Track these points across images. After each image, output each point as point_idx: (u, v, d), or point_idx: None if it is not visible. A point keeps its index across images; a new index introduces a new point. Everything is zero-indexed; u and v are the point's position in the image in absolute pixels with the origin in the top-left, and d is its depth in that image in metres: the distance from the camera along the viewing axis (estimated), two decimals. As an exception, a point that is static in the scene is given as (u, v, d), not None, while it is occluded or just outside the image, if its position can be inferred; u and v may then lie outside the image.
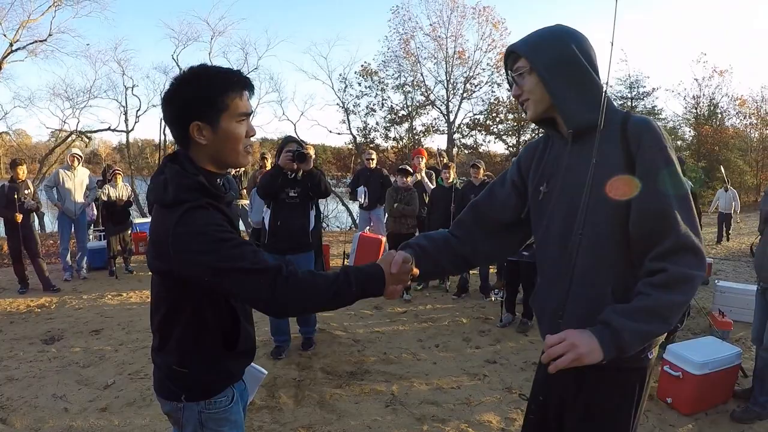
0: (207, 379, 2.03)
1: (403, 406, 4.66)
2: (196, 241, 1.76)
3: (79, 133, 28.07)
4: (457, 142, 33.17)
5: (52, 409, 4.50)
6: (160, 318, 1.99)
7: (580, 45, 1.91)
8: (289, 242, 5.56)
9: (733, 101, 35.65)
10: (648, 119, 1.84)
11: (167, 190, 1.84)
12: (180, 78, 1.90)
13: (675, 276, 1.71)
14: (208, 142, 1.90)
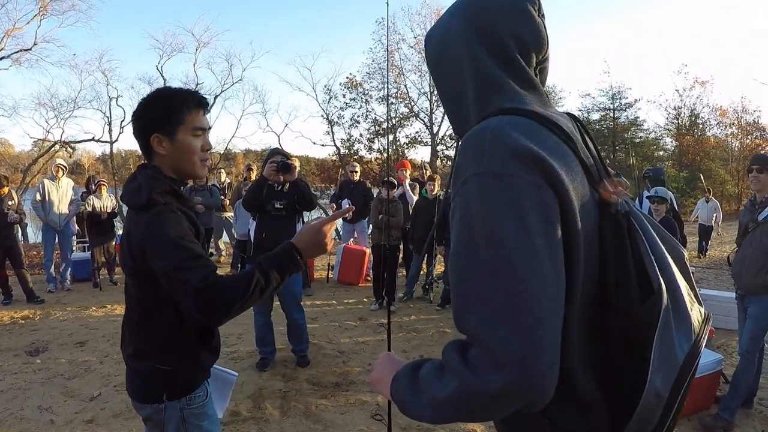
0: (188, 374, 2.17)
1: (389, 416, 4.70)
2: (159, 243, 1.96)
3: (63, 143, 27.97)
4: (440, 153, 33.30)
5: (38, 421, 4.50)
6: (137, 320, 2.12)
7: None
8: None
9: (713, 111, 36.19)
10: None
11: (141, 193, 2.05)
12: (145, 97, 2.17)
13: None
14: (167, 153, 2.12)
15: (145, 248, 1.98)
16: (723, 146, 36.68)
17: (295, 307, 5.78)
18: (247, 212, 9.11)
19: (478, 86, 1.30)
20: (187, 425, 2.17)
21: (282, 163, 5.49)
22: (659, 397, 1.08)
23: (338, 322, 7.61)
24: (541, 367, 0.98)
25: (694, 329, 1.12)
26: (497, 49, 1.28)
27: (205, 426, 2.22)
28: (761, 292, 4.56)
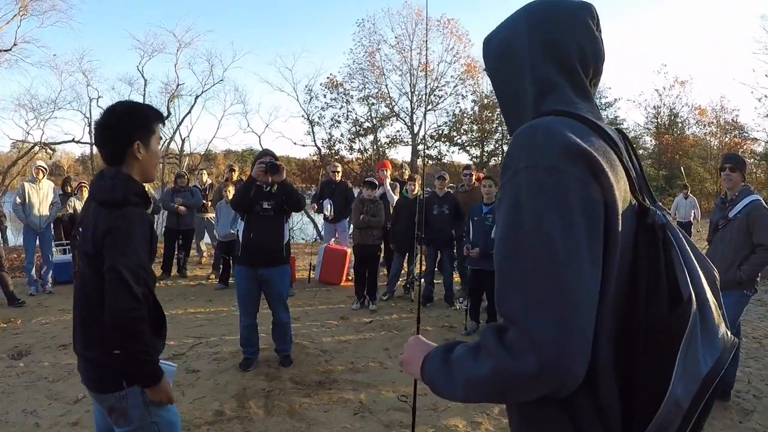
0: None
1: (372, 413, 4.80)
2: (122, 237, 2.26)
3: (43, 144, 27.80)
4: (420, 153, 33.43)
5: (23, 425, 4.52)
6: (96, 308, 2.26)
7: None
8: (262, 256, 5.60)
9: (692, 110, 36.58)
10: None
11: (116, 191, 2.32)
12: (120, 110, 2.47)
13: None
14: (143, 159, 2.44)
15: (109, 238, 2.24)
16: (702, 145, 37.10)
17: (282, 307, 5.85)
18: (228, 213, 9.22)
19: (537, 87, 1.36)
20: (149, 407, 2.37)
21: (270, 164, 5.56)
22: (679, 406, 1.10)
23: (320, 321, 7.68)
24: (576, 352, 1.05)
25: (719, 346, 1.15)
26: (559, 56, 1.36)
27: (165, 407, 2.44)
28: (731, 287, 4.70)
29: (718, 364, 1.12)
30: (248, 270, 5.64)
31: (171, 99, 30.53)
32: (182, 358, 6.13)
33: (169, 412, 2.48)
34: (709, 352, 1.13)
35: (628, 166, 1.25)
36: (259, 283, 5.71)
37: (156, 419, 2.40)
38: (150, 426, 2.38)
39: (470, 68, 32.82)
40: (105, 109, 2.56)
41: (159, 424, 2.41)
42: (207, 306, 8.63)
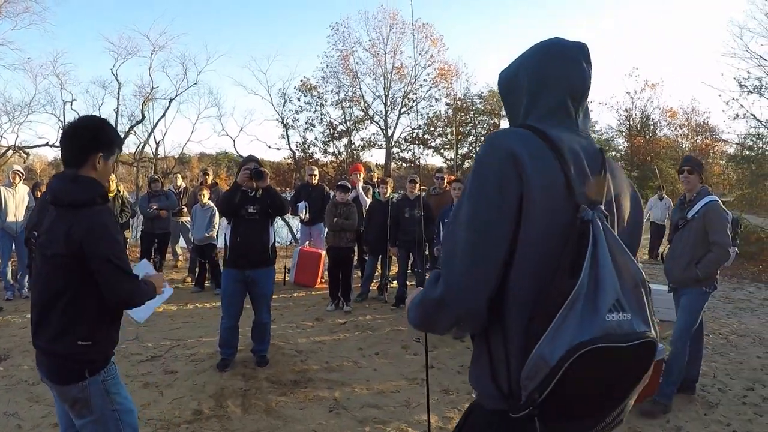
0: (103, 349, 2.65)
1: (346, 410, 4.97)
2: (102, 233, 2.51)
3: (17, 148, 27.56)
4: (395, 156, 33.63)
5: (5, 427, 4.61)
6: (66, 302, 2.52)
7: None
8: (249, 258, 5.79)
9: (664, 113, 37.07)
10: None
11: (84, 192, 2.54)
12: (97, 121, 2.76)
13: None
14: (99, 170, 2.66)
15: (92, 237, 2.47)
16: (674, 146, 37.56)
17: (265, 308, 6.03)
18: (203, 217, 9.33)
19: (524, 110, 1.79)
20: (110, 395, 2.64)
21: (255, 170, 5.76)
22: (544, 361, 1.38)
23: (295, 322, 7.83)
24: (469, 291, 1.53)
25: (600, 327, 1.37)
26: (549, 84, 1.75)
27: (122, 393, 2.74)
28: (690, 285, 4.94)
29: (592, 341, 1.35)
30: (236, 272, 5.83)
31: (145, 102, 30.42)
32: (160, 359, 6.24)
33: (126, 401, 2.74)
34: (588, 329, 1.36)
35: (573, 172, 1.58)
36: (246, 284, 5.89)
37: (116, 407, 2.65)
38: (111, 414, 2.63)
39: (444, 72, 33.10)
40: (81, 116, 2.86)
41: (119, 411, 2.67)
42: (183, 308, 8.72)
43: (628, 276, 1.48)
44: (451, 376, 5.83)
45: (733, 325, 8.03)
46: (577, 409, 1.49)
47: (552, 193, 1.53)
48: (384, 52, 32.51)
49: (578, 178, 1.59)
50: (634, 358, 1.45)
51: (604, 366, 1.41)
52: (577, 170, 1.59)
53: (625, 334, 1.40)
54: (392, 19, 32.29)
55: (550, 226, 1.52)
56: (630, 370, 1.50)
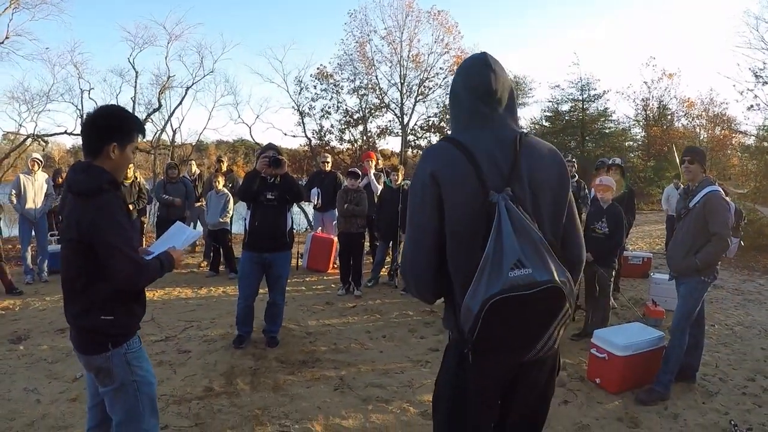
0: (125, 323, 2.82)
1: (351, 389, 5.14)
2: (108, 221, 2.60)
3: (36, 136, 27.85)
4: (411, 143, 33.63)
5: (25, 401, 4.82)
6: (85, 283, 2.68)
7: None
8: (266, 241, 6.07)
9: (681, 103, 36.60)
10: None
11: (91, 182, 2.65)
12: (110, 111, 2.84)
13: None
14: (115, 159, 2.76)
15: (97, 224, 2.58)
16: (690, 136, 37.05)
17: (280, 290, 6.34)
18: (218, 203, 9.53)
19: (451, 120, 2.33)
20: (131, 367, 2.81)
21: (273, 158, 6.02)
22: (470, 311, 1.91)
23: (306, 306, 8.01)
24: (413, 271, 2.20)
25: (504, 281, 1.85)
26: (460, 101, 2.27)
27: (144, 366, 2.91)
28: (689, 274, 4.97)
29: (499, 293, 1.85)
30: (253, 254, 6.12)
31: (162, 91, 30.51)
32: (174, 340, 6.46)
33: (147, 373, 2.91)
34: (495, 285, 1.86)
35: (485, 166, 2.08)
36: (263, 266, 6.20)
37: (136, 378, 2.82)
38: (131, 384, 2.81)
39: (460, 60, 32.98)
40: (100, 106, 2.97)
41: (138, 382, 2.83)
42: (198, 292, 8.92)
43: (530, 240, 1.92)
44: (455, 358, 5.94)
45: (740, 316, 8.03)
46: (502, 343, 2.02)
47: (464, 188, 2.05)
48: (400, 40, 32.49)
49: (490, 170, 2.07)
50: (541, 300, 1.89)
51: (515, 310, 1.88)
52: (488, 164, 2.07)
53: (527, 284, 1.85)
54: (408, 7, 32.25)
55: (467, 213, 2.05)
56: (540, 310, 1.95)
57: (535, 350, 2.06)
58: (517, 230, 1.90)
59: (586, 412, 4.76)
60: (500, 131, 2.17)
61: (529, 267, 1.86)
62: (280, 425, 4.42)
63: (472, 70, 2.24)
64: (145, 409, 2.87)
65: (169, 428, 4.31)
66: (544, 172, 2.16)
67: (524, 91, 35.80)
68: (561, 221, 2.24)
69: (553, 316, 1.97)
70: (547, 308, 1.95)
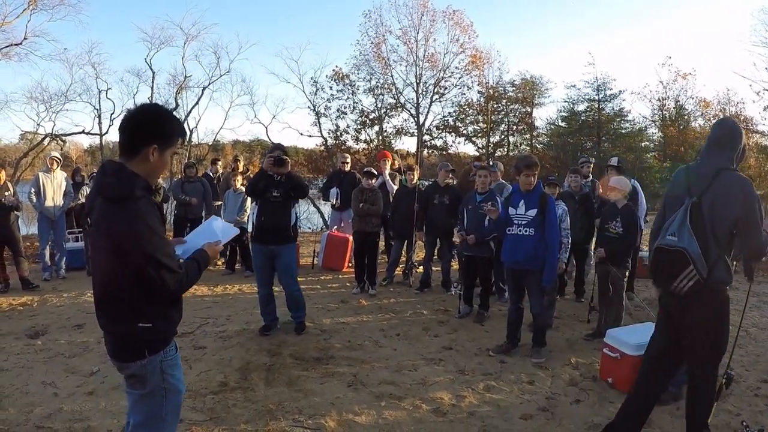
0: (163, 330, 2.70)
1: (364, 385, 5.16)
2: (147, 231, 2.46)
3: (54, 135, 28.11)
4: (426, 143, 33.61)
5: (42, 395, 4.88)
6: (121, 289, 2.55)
7: None
8: (272, 235, 6.41)
9: (698, 103, 36.18)
10: None
11: (123, 187, 2.49)
12: (155, 111, 2.74)
13: None
14: (153, 162, 2.61)
15: (132, 234, 2.43)
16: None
17: (291, 279, 6.70)
18: (235, 201, 9.64)
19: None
20: (164, 375, 2.73)
21: (277, 157, 6.30)
22: (651, 252, 3.89)
23: (321, 304, 8.05)
24: None
25: (665, 241, 3.68)
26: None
27: (177, 375, 2.82)
28: None
29: (659, 244, 3.73)
30: (261, 247, 6.56)
31: (179, 91, 30.74)
32: (190, 336, 6.52)
33: (178, 382, 2.83)
34: (660, 241, 3.73)
35: (695, 181, 3.73)
36: (271, 257, 6.58)
37: (167, 386, 2.74)
38: (160, 391, 2.73)
39: (475, 59, 32.96)
40: (142, 104, 2.84)
41: (167, 390, 2.75)
42: (214, 289, 9.01)
43: (684, 224, 3.56)
44: (469, 357, 5.97)
45: (754, 318, 7.95)
46: (661, 276, 3.74)
47: (678, 191, 3.76)
48: (415, 40, 32.49)
49: (693, 185, 3.67)
50: (673, 254, 3.57)
51: (663, 257, 3.66)
52: (693, 181, 3.69)
53: (669, 244, 3.60)
54: (423, 6, 32.24)
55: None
56: (675, 261, 3.57)
57: (675, 284, 3.60)
58: (684, 220, 3.57)
59: (598, 411, 4.75)
60: (703, 165, 3.77)
61: (676, 236, 3.58)
62: (294, 420, 4.45)
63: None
64: (167, 416, 2.79)
65: (184, 422, 4.32)
66: (716, 192, 3.57)
67: (540, 91, 35.58)
68: (725, 225, 3.53)
69: (681, 269, 3.54)
70: (675, 260, 3.56)
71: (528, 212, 5.86)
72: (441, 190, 8.84)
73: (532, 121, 35.77)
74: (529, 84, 34.98)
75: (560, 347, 6.32)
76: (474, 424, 4.47)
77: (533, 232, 5.81)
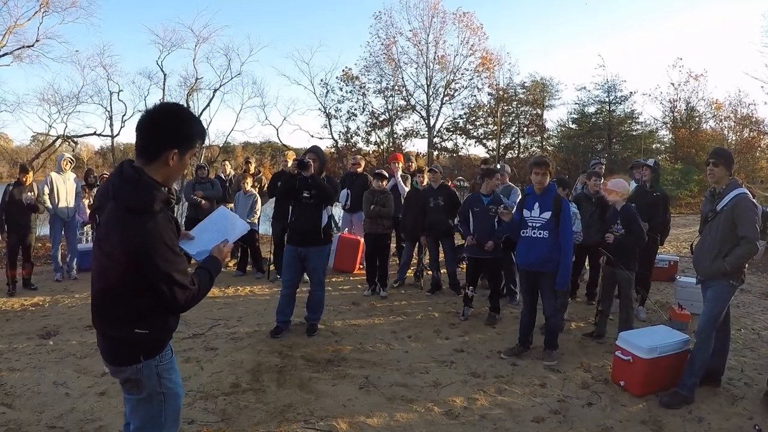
0: (160, 336, 2.67)
1: (376, 388, 5.14)
2: (158, 247, 2.40)
3: (66, 137, 28.24)
4: (437, 145, 33.61)
5: (54, 395, 4.89)
6: (121, 295, 2.52)
7: None
8: (302, 236, 6.48)
9: (709, 105, 35.96)
10: None
11: (142, 199, 2.42)
12: (177, 112, 2.63)
13: None
14: (172, 167, 2.55)
15: (146, 248, 2.37)
16: (719, 139, 36.37)
17: (317, 283, 6.79)
18: (246, 203, 9.64)
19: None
20: (161, 379, 2.69)
21: (299, 160, 6.38)
22: None
23: (332, 306, 7.99)
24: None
25: None
26: None
27: (174, 379, 2.78)
28: (717, 277, 4.88)
29: None
30: (291, 248, 6.65)
31: (190, 93, 30.92)
32: (201, 337, 6.51)
33: (176, 386, 2.79)
34: None
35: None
36: (300, 259, 6.63)
37: (164, 390, 2.70)
38: (158, 395, 2.69)
39: (486, 61, 32.97)
40: (162, 103, 2.78)
41: (165, 394, 2.71)
42: (225, 291, 9.00)
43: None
44: (480, 360, 5.95)
45: (767, 320, 7.92)
46: None
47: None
48: (426, 42, 32.52)
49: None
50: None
51: None
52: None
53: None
54: (434, 8, 32.30)
55: None
56: None
57: None
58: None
59: (609, 414, 4.72)
60: None
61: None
62: (305, 422, 4.43)
63: None
64: (166, 420, 2.75)
65: (195, 423, 4.35)
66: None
67: (551, 93, 35.56)
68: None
69: None
70: None
71: (542, 215, 5.84)
72: (434, 192, 8.79)
73: (543, 123, 35.76)
74: (540, 86, 34.97)
75: (572, 350, 6.28)
76: (486, 426, 4.45)
77: (547, 235, 5.79)
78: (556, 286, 5.86)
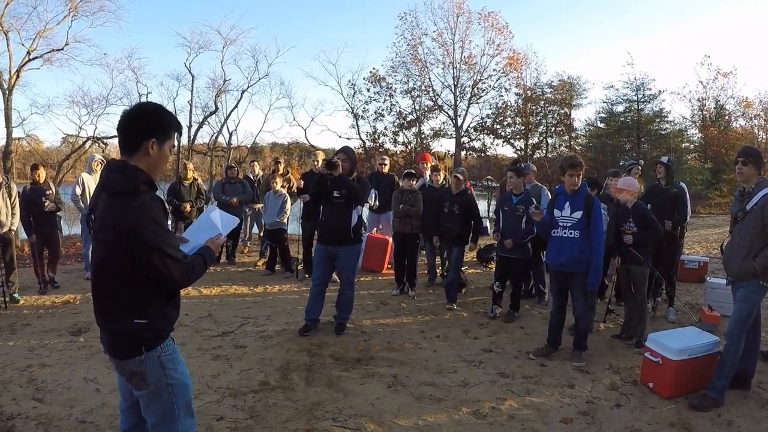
0: (159, 326, 2.69)
1: (404, 387, 5.11)
2: (148, 224, 2.52)
3: (96, 138, 28.56)
4: (465, 145, 33.51)
5: (85, 390, 4.95)
6: (119, 285, 2.59)
7: None
8: (332, 235, 6.58)
9: (739, 103, 35.34)
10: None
11: (127, 182, 2.56)
12: (148, 108, 2.85)
13: None
14: (153, 156, 2.68)
15: (137, 228, 2.49)
16: (749, 137, 35.71)
17: (347, 282, 6.80)
18: (275, 203, 9.69)
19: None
20: (165, 370, 2.71)
21: (327, 160, 6.43)
22: None
23: (361, 305, 7.98)
24: None
25: None
26: None
27: (179, 369, 2.81)
28: (747, 278, 4.76)
29: None
30: (322, 247, 6.70)
31: (218, 94, 31.10)
32: (231, 335, 6.55)
33: (182, 376, 2.81)
34: None
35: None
36: (330, 258, 6.67)
37: (171, 381, 2.73)
38: (165, 387, 2.71)
39: (513, 61, 32.81)
40: (138, 102, 2.92)
41: (173, 385, 2.74)
42: (254, 290, 9.03)
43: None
44: (509, 360, 5.89)
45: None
46: None
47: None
48: (452, 42, 32.44)
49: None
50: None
51: None
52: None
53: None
54: (458, 8, 32.21)
55: None
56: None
57: None
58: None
59: (638, 416, 4.64)
60: None
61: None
62: (334, 420, 4.42)
63: None
64: (180, 411, 2.79)
65: (224, 420, 4.36)
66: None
67: (578, 92, 35.24)
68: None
69: None
70: None
71: (573, 214, 5.76)
72: (452, 198, 8.34)
73: (571, 123, 35.44)
74: (567, 85, 34.66)
75: (600, 351, 6.20)
76: (514, 427, 4.40)
77: (578, 235, 5.71)
78: (587, 287, 5.78)
